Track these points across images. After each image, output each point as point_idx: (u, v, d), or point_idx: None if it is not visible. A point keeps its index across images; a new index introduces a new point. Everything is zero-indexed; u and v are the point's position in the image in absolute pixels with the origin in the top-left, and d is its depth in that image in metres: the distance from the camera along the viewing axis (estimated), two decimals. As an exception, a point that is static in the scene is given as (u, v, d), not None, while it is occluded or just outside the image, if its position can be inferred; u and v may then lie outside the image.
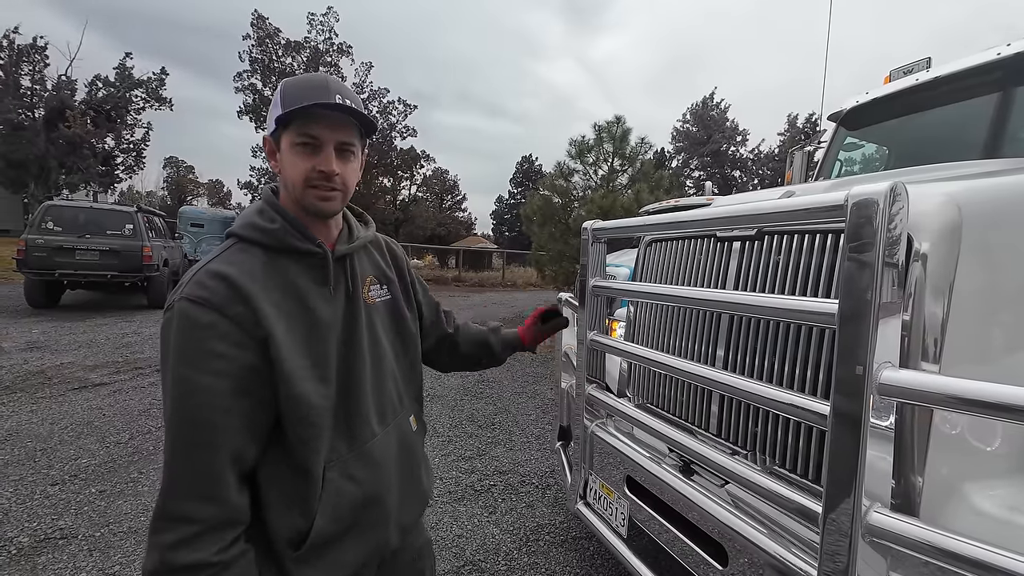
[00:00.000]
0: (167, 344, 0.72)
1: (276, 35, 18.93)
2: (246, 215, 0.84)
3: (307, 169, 0.80)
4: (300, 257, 0.83)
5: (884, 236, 0.82)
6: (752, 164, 31.12)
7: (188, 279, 0.76)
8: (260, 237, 0.81)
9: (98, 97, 18.91)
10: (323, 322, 0.82)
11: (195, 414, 0.70)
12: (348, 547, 0.83)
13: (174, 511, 0.69)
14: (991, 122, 2.10)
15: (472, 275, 19.09)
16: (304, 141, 0.80)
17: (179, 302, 0.72)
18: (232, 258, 0.79)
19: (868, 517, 0.85)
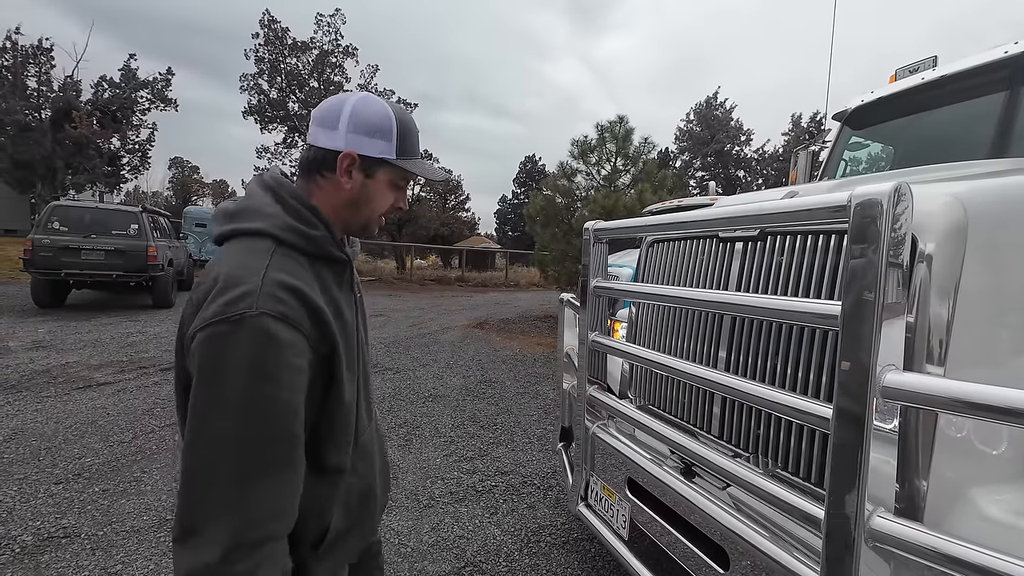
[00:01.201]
0: (235, 359, 0.66)
1: (284, 35, 18.97)
2: (273, 213, 0.79)
3: (390, 204, 0.90)
4: (331, 264, 0.84)
5: (888, 237, 0.81)
6: (756, 164, 30.98)
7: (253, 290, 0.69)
8: (303, 244, 0.79)
9: (104, 98, 19.03)
10: (351, 327, 0.85)
11: (277, 431, 0.68)
12: (352, 538, 0.88)
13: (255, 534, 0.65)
14: (998, 121, 2.07)
15: (475, 275, 19.10)
16: (401, 184, 0.91)
17: (258, 317, 0.67)
18: (287, 267, 0.75)
19: (871, 522, 0.84)
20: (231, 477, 0.65)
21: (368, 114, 0.83)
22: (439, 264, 23.45)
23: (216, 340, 0.67)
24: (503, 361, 5.81)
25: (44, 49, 18.33)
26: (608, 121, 9.10)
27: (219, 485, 0.65)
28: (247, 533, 0.65)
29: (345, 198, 0.85)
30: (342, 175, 0.83)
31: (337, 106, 0.83)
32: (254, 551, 0.65)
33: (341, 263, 0.86)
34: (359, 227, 0.90)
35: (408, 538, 2.19)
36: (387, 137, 0.84)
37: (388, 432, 3.47)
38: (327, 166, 0.83)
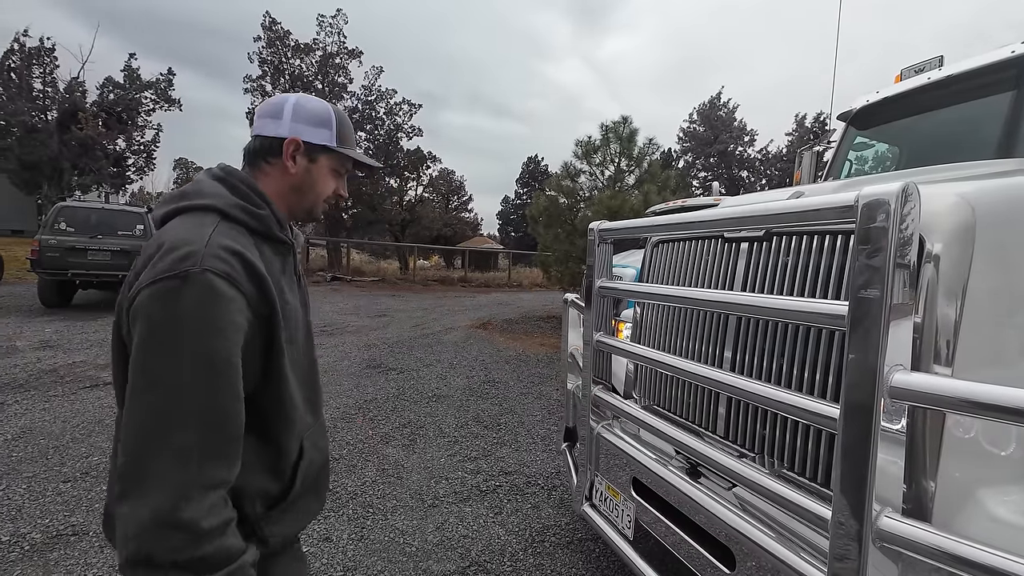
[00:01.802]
0: (181, 313, 0.69)
1: (286, 37, 19.03)
2: (220, 192, 0.84)
3: (332, 191, 0.98)
4: (274, 246, 0.89)
5: (895, 237, 0.81)
6: (760, 164, 30.87)
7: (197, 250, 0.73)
8: (248, 220, 0.84)
9: (109, 99, 19.16)
10: (293, 306, 0.89)
11: (221, 383, 0.71)
12: (309, 503, 0.95)
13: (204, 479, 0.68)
14: (1005, 121, 2.06)
15: (478, 275, 19.10)
16: (342, 172, 0.99)
17: (200, 274, 0.71)
18: (231, 236, 0.79)
19: (879, 522, 0.83)
20: (178, 426, 0.67)
21: (310, 107, 0.92)
22: (442, 265, 23.47)
23: (162, 295, 0.70)
24: (506, 361, 5.81)
25: (48, 50, 18.45)
26: (612, 121, 9.08)
27: (166, 436, 0.66)
28: (197, 479, 0.67)
29: (290, 182, 0.92)
30: (287, 159, 0.90)
31: (281, 101, 0.92)
32: (203, 498, 0.67)
33: (284, 245, 0.91)
34: (304, 211, 0.96)
35: (413, 537, 2.20)
36: (328, 127, 0.93)
37: (392, 432, 3.48)
38: (272, 153, 0.90)
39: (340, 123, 0.95)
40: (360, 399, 4.17)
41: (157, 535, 0.64)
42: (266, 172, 0.91)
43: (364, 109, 20.39)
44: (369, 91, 20.48)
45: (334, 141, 0.94)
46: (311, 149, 0.92)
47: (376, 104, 20.61)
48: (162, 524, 0.64)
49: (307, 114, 0.91)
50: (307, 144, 0.91)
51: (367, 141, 20.93)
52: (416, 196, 24.90)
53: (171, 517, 0.64)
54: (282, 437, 0.86)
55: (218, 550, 0.67)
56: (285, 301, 0.86)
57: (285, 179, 0.92)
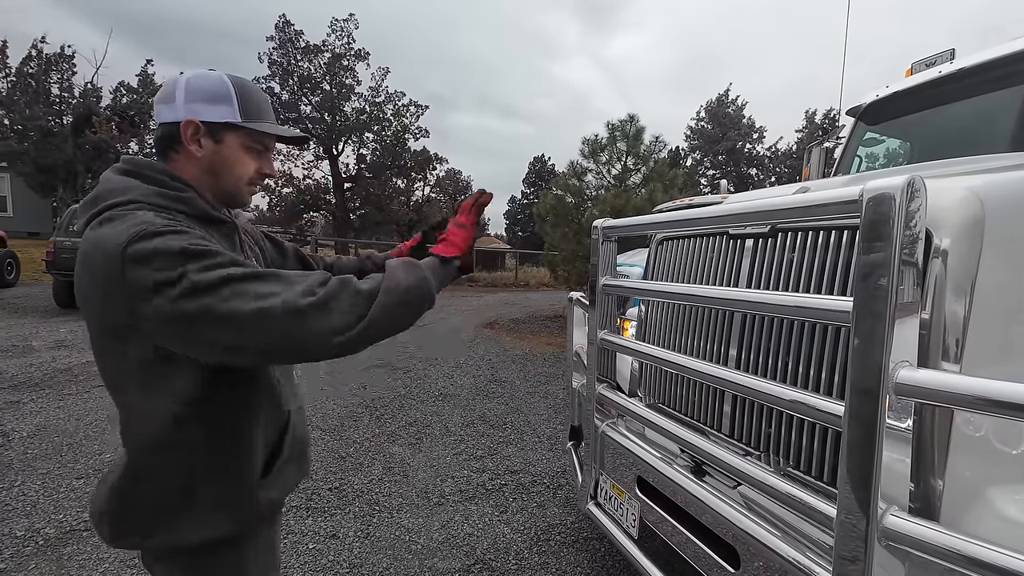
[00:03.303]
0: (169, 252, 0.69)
1: (298, 38, 19.21)
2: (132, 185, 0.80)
3: (253, 171, 0.92)
4: (215, 225, 0.87)
5: (901, 232, 0.79)
6: (769, 162, 30.55)
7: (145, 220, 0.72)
8: (174, 204, 0.80)
9: (123, 103, 19.48)
10: None
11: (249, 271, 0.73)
12: (291, 471, 0.98)
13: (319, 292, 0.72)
14: (1018, 114, 2.02)
15: (485, 275, 19.11)
16: (258, 148, 0.91)
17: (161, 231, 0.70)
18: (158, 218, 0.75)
19: (884, 520, 0.82)
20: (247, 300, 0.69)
21: (203, 83, 0.85)
22: (449, 264, 23.42)
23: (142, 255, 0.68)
24: (513, 361, 5.81)
25: (66, 56, 18.81)
26: (619, 120, 9.05)
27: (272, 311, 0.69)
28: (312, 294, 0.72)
29: (202, 167, 0.87)
30: (190, 144, 0.85)
31: (172, 83, 0.86)
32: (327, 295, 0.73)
33: (226, 224, 0.90)
34: (228, 195, 0.91)
35: (418, 535, 2.21)
36: (227, 102, 0.86)
37: (398, 431, 3.50)
38: (175, 139, 0.85)
39: (243, 95, 0.87)
40: (366, 398, 4.19)
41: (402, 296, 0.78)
42: (175, 160, 0.86)
43: (372, 110, 20.51)
44: (376, 92, 20.59)
45: (238, 116, 0.86)
46: (213, 129, 0.85)
47: (384, 106, 20.71)
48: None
49: (201, 91, 0.84)
50: (207, 124, 0.84)
51: (374, 142, 21.04)
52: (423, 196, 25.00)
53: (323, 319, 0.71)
54: (265, 400, 0.90)
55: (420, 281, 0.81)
56: None
57: (194, 163, 0.86)
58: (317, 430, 3.43)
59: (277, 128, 0.94)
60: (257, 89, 0.92)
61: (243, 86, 0.89)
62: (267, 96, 0.95)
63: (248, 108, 0.88)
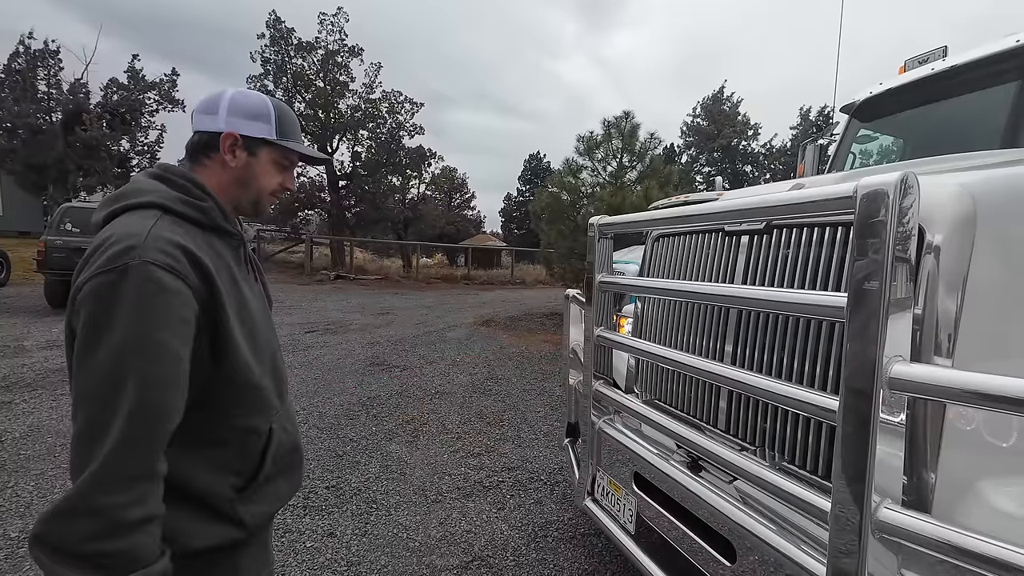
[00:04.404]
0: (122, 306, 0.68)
1: (290, 36, 19.03)
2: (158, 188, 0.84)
3: (277, 184, 0.98)
4: (224, 237, 0.90)
5: (894, 227, 0.80)
6: (764, 159, 30.65)
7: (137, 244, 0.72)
8: (191, 212, 0.84)
9: (113, 100, 19.25)
10: (247, 297, 0.90)
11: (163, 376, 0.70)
12: (282, 483, 0.97)
13: (130, 471, 0.67)
14: (1010, 111, 2.04)
15: (481, 273, 19.11)
16: (284, 164, 0.99)
17: (140, 264, 0.70)
18: (175, 230, 0.79)
19: (878, 513, 0.83)
20: (110, 417, 0.66)
21: (246, 101, 0.92)
22: (445, 262, 23.47)
23: (102, 290, 0.70)
24: (509, 358, 5.82)
25: (52, 52, 18.54)
26: (614, 117, 9.05)
27: (98, 426, 0.66)
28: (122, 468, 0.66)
29: (232, 176, 0.92)
30: (226, 153, 0.91)
31: (217, 96, 0.92)
32: (126, 488, 0.66)
33: (234, 237, 0.92)
34: (249, 204, 0.96)
35: (416, 533, 2.21)
36: (266, 120, 0.93)
37: (395, 428, 3.50)
38: (211, 148, 0.91)
39: (280, 116, 0.95)
40: (363, 396, 4.19)
41: (68, 519, 0.63)
42: (206, 167, 0.92)
43: (366, 107, 20.39)
44: (371, 89, 20.45)
45: (274, 134, 0.94)
46: (250, 143, 0.92)
47: (379, 103, 20.59)
48: (75, 509, 0.63)
49: (243, 108, 0.92)
50: (245, 138, 0.91)
51: (369, 139, 20.92)
52: (419, 194, 24.91)
53: (86, 502, 0.63)
54: (250, 421, 0.89)
55: (131, 547, 0.65)
56: (239, 292, 0.88)
57: (226, 173, 0.92)
58: (314, 428, 3.43)
59: (306, 149, 1.01)
60: (291, 113, 1.00)
61: (281, 108, 0.97)
62: (298, 120, 1.03)
63: (283, 127, 0.96)
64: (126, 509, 0.65)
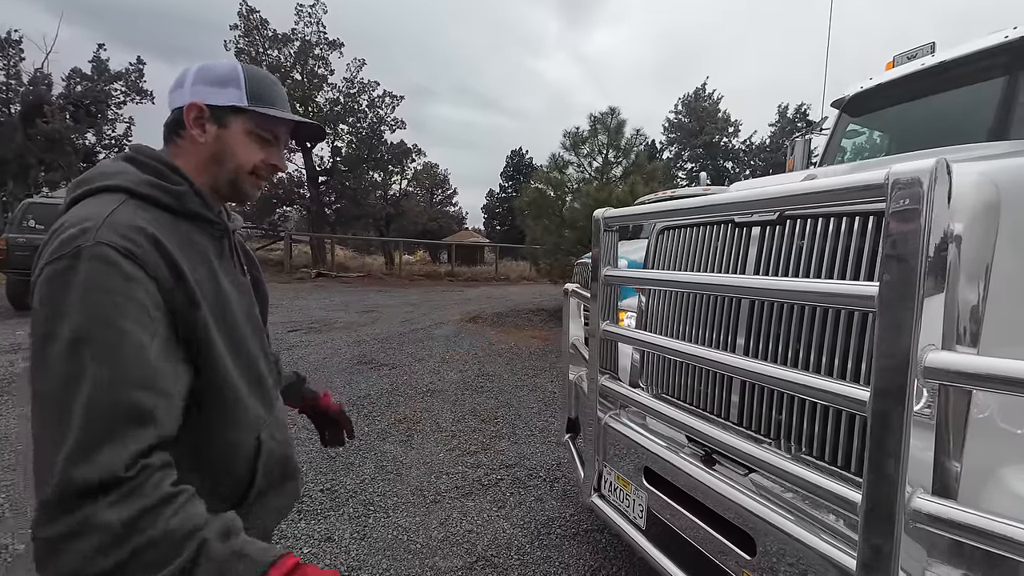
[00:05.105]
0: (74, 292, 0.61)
1: (263, 26, 18.48)
2: (125, 171, 0.76)
3: (258, 160, 0.86)
4: (202, 225, 0.81)
5: (930, 216, 0.79)
6: (744, 155, 31.24)
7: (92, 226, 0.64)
8: (163, 197, 0.75)
9: (76, 91, 18.37)
10: (228, 294, 0.81)
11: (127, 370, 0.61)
12: (276, 497, 0.91)
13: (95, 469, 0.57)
14: (998, 106, 2.09)
15: (465, 270, 19.00)
16: (265, 136, 0.86)
17: (94, 247, 0.63)
18: (140, 215, 0.70)
19: (912, 503, 0.83)
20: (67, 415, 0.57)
21: (213, 68, 0.83)
22: (428, 259, 23.26)
23: (53, 277, 0.63)
24: (499, 355, 5.78)
25: (13, 41, 17.59)
26: (600, 112, 9.07)
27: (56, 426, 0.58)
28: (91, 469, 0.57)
29: (205, 154, 0.83)
30: (193, 128, 0.81)
31: (185, 70, 0.84)
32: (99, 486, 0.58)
33: (215, 226, 0.83)
34: (227, 184, 0.85)
35: (416, 534, 2.16)
36: (235, 85, 0.83)
37: (388, 428, 3.43)
38: (181, 125, 0.82)
39: (252, 80, 0.84)
40: (353, 396, 4.10)
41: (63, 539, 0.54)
42: (180, 147, 0.83)
43: (346, 101, 19.98)
44: (351, 83, 20.04)
45: (245, 100, 0.83)
46: (218, 113, 0.82)
47: (358, 97, 20.20)
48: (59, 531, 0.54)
49: (209, 75, 0.82)
50: (212, 108, 0.81)
51: (350, 134, 20.52)
52: (400, 190, 24.60)
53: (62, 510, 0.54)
54: (231, 434, 0.80)
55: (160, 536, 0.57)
56: (219, 288, 0.79)
57: (198, 151, 0.82)
58: (304, 430, 3.32)
59: (285, 113, 0.87)
60: (269, 77, 0.88)
61: (252, 71, 0.86)
62: (283, 87, 0.90)
63: (257, 92, 0.84)
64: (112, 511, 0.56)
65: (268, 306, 1.02)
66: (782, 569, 1.09)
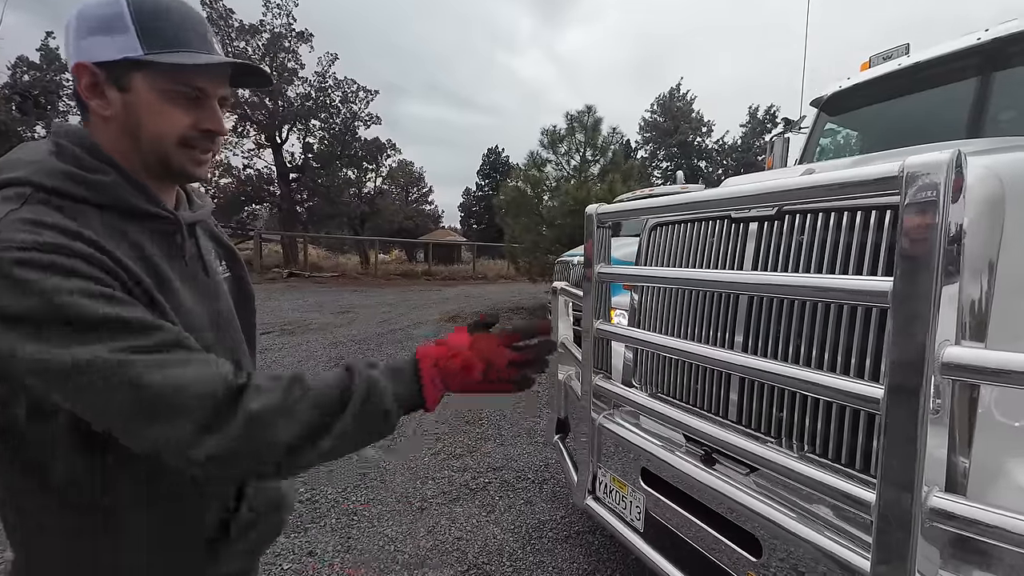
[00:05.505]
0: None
1: (229, 16, 17.75)
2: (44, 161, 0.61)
3: (186, 126, 0.66)
4: (143, 221, 0.66)
5: (946, 208, 0.77)
6: (717, 155, 31.98)
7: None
8: (82, 191, 0.60)
9: (23, 81, 17.21)
10: (182, 300, 0.67)
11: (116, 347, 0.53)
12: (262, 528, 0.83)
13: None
14: (971, 106, 2.15)
15: (442, 269, 18.80)
16: (186, 93, 0.65)
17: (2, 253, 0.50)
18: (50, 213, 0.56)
19: (928, 502, 0.81)
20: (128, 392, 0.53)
21: (91, 8, 0.62)
22: (404, 258, 22.91)
23: None
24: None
25: (-50, 26, 16.33)
26: (577, 111, 9.09)
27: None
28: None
29: (117, 130, 0.64)
30: (90, 98, 0.63)
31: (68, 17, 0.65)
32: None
33: (161, 220, 0.68)
34: (157, 164, 0.67)
35: (404, 544, 2.07)
36: (121, 28, 0.61)
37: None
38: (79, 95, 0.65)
39: (144, 14, 0.61)
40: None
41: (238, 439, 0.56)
42: (92, 123, 0.66)
43: (317, 96, 19.43)
44: (323, 78, 19.50)
45: (139, 47, 0.61)
46: (115, 72, 0.62)
47: (331, 92, 19.68)
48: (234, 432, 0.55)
49: (90, 21, 0.61)
50: (104, 66, 0.61)
51: (322, 130, 19.98)
52: (375, 188, 24.14)
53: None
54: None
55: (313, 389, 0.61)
56: (172, 295, 0.65)
57: (108, 127, 0.64)
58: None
59: (207, 56, 0.64)
60: (175, 6, 0.65)
61: (146, 4, 0.62)
62: (200, 16, 0.67)
63: (155, 32, 0.61)
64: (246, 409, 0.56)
65: (253, 305, 0.89)
66: (789, 571, 1.07)
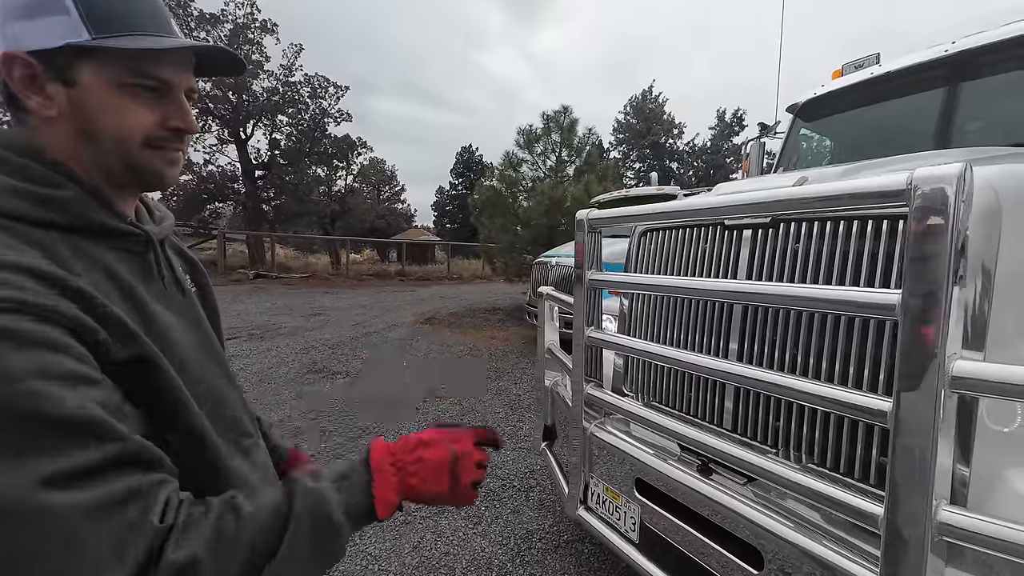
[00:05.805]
0: None
1: (188, 4, 16.91)
2: None
3: (152, 124, 0.57)
4: (111, 240, 0.57)
5: (957, 221, 0.77)
6: (688, 157, 32.74)
7: None
8: (37, 211, 0.50)
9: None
10: (165, 323, 0.60)
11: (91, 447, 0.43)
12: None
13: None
14: (939, 115, 2.24)
15: (416, 269, 18.51)
16: (147, 84, 0.56)
17: None
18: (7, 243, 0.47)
19: (937, 515, 0.81)
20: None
21: None
22: (376, 258, 22.44)
23: None
24: (458, 357, 5.62)
25: None
26: (553, 111, 9.10)
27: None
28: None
29: (64, 131, 0.54)
30: (28, 96, 0.53)
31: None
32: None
33: (129, 237, 0.59)
34: (125, 171, 0.58)
35: (389, 563, 1.99)
36: (57, 9, 0.51)
37: (346, 443, 3.19)
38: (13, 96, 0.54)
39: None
40: (305, 408, 3.79)
41: None
42: (30, 126, 0.55)
43: (284, 91, 18.78)
44: (289, 71, 18.85)
45: (85, 31, 0.51)
46: (54, 62, 0.52)
47: (300, 88, 19.04)
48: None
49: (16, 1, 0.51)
50: (41, 56, 0.51)
51: (289, 126, 19.32)
52: (346, 186, 23.56)
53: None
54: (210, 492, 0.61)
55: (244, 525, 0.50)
56: (153, 319, 0.57)
57: (54, 129, 0.54)
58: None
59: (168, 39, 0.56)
60: None
61: None
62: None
63: (103, 14, 0.52)
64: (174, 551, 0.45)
65: (219, 319, 0.79)
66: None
